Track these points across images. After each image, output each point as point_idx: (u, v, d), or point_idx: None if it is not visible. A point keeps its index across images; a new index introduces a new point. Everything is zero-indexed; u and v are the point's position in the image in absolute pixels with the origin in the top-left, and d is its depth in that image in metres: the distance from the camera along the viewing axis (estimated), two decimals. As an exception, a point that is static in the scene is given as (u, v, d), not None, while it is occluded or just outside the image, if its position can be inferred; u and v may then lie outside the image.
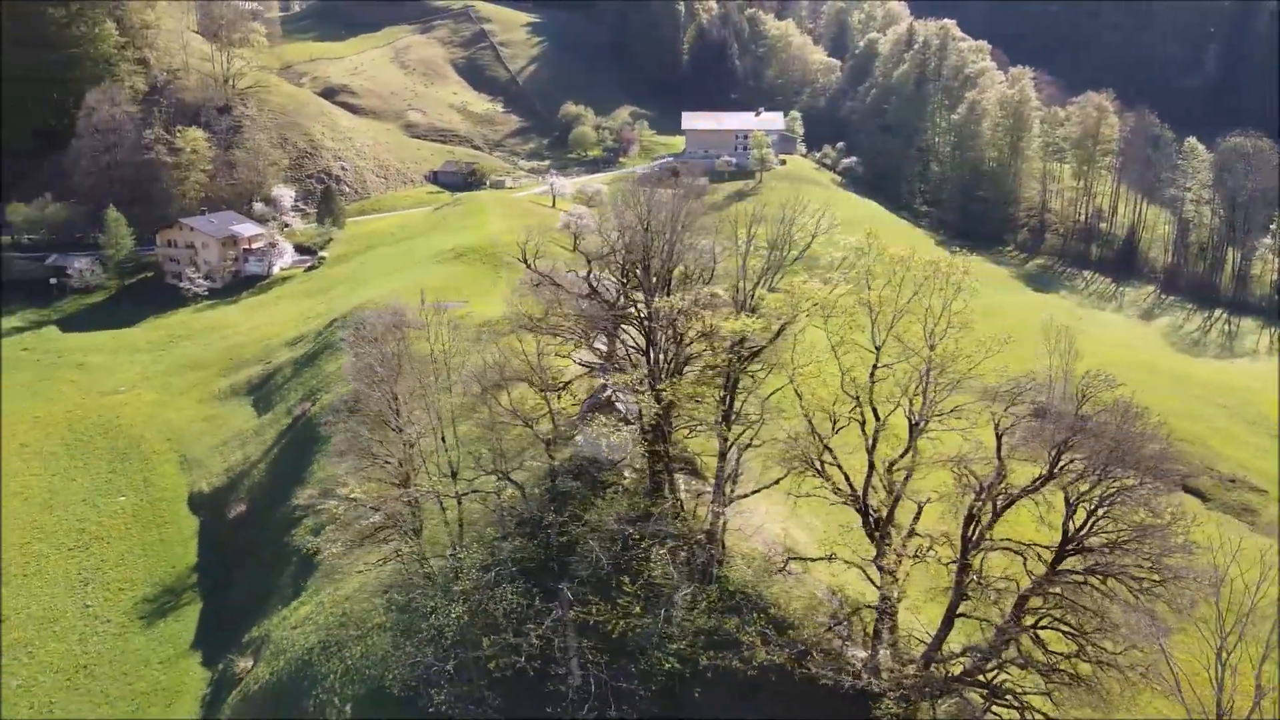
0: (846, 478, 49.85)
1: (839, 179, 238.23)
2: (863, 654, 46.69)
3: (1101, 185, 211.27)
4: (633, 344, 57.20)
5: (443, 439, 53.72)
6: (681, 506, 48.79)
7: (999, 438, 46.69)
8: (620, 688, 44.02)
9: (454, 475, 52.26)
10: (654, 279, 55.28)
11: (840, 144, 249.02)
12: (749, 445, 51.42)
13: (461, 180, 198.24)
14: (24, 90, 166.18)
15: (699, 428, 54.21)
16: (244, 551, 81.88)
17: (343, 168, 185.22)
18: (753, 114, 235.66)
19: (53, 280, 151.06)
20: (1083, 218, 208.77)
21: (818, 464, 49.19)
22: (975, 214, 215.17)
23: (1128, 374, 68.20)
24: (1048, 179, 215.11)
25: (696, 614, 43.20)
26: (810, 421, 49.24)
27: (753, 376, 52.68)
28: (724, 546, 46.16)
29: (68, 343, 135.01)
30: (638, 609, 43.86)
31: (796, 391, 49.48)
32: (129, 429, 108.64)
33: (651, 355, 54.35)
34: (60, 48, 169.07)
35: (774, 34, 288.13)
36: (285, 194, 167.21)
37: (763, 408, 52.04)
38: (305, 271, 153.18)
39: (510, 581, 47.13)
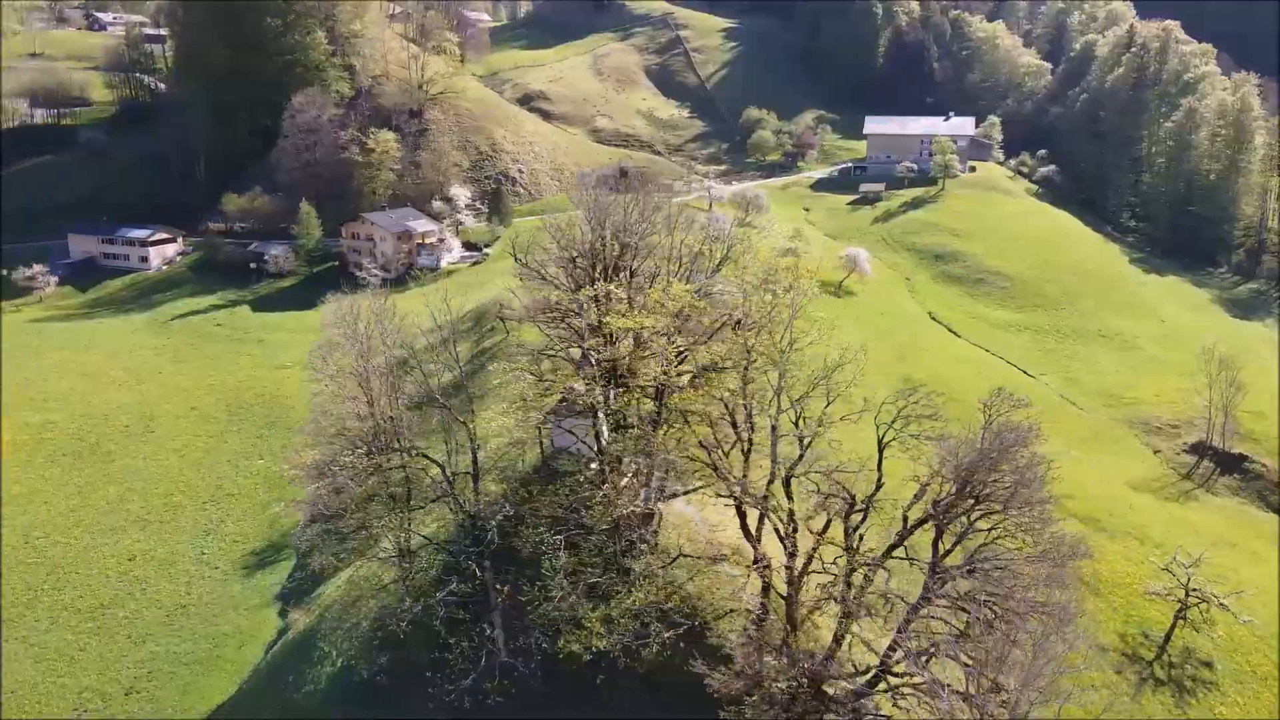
0: (741, 482, 48.72)
1: (1034, 188, 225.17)
2: (771, 660, 45.28)
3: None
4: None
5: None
6: (613, 499, 49.19)
7: (881, 449, 44.68)
8: (507, 663, 45.39)
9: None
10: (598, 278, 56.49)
11: (1041, 152, 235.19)
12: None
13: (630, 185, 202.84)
14: (245, 92, 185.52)
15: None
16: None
17: (519, 170, 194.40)
18: (941, 119, 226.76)
19: (253, 265, 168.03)
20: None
21: (713, 467, 48.68)
22: (1185, 231, 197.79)
23: None
24: (1269, 196, 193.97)
25: (612, 604, 43.40)
26: (712, 425, 48.92)
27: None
28: (652, 541, 46.15)
29: (254, 321, 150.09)
30: (554, 592, 44.79)
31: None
32: (283, 400, 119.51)
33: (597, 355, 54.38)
34: (276, 54, 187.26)
35: (980, 35, 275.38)
36: (461, 193, 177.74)
37: (684, 414, 51.34)
38: (470, 266, 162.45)
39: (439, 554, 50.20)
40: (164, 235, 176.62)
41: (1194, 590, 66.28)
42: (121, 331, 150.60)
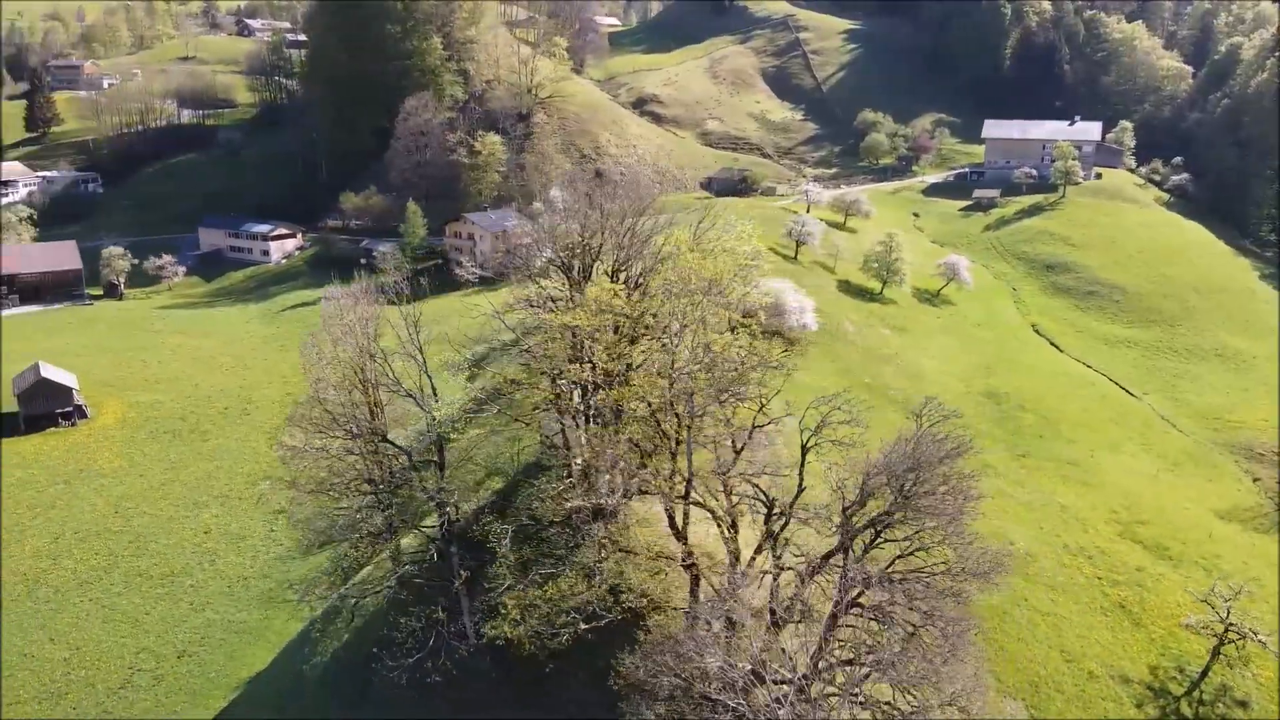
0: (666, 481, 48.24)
1: (1165, 197, 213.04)
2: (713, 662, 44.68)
3: None
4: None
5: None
6: (558, 494, 49.63)
7: (804, 452, 43.58)
8: (453, 645, 46.64)
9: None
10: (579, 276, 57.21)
11: (1176, 159, 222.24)
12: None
13: (731, 186, 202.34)
14: (364, 95, 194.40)
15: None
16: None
17: (621, 173, 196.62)
18: (1066, 123, 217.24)
19: (362, 261, 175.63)
20: None
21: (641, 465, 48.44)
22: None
23: None
24: None
25: (532, 593, 43.91)
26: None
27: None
28: (600, 537, 46.36)
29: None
30: (496, 580, 45.76)
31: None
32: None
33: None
34: (395, 59, 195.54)
35: (1117, 37, 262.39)
36: (559, 195, 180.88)
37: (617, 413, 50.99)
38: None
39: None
40: (284, 231, 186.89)
41: (1232, 625, 62.04)
42: (237, 320, 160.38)
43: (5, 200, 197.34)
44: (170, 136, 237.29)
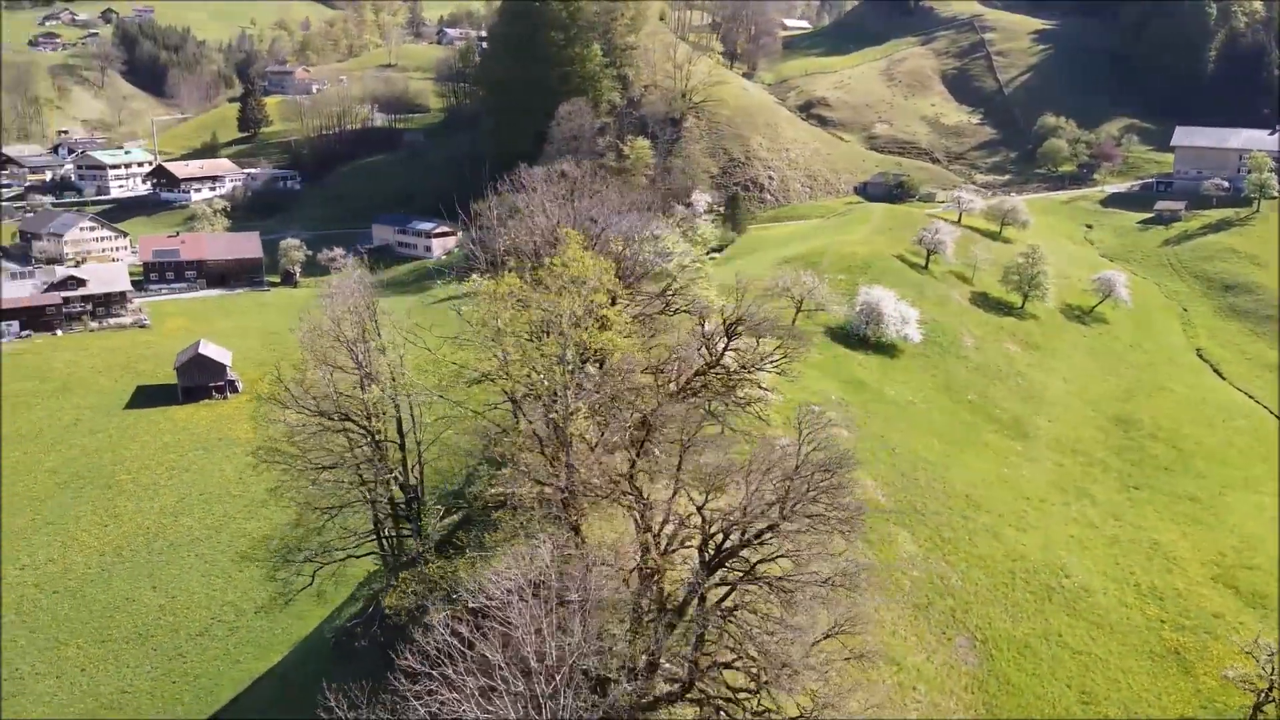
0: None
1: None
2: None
3: None
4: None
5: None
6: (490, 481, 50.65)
7: (681, 455, 42.21)
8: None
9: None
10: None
11: None
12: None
13: (887, 192, 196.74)
14: (528, 100, 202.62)
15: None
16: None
17: (769, 176, 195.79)
18: (1267, 132, 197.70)
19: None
20: None
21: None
22: None
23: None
24: None
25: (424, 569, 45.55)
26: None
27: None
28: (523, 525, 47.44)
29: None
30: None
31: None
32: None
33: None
34: (558, 65, 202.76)
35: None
36: (701, 199, 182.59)
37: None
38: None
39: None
40: (445, 229, 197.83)
41: (1276, 683, 55.53)
42: (396, 310, 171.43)
43: (211, 194, 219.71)
44: (363, 138, 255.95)
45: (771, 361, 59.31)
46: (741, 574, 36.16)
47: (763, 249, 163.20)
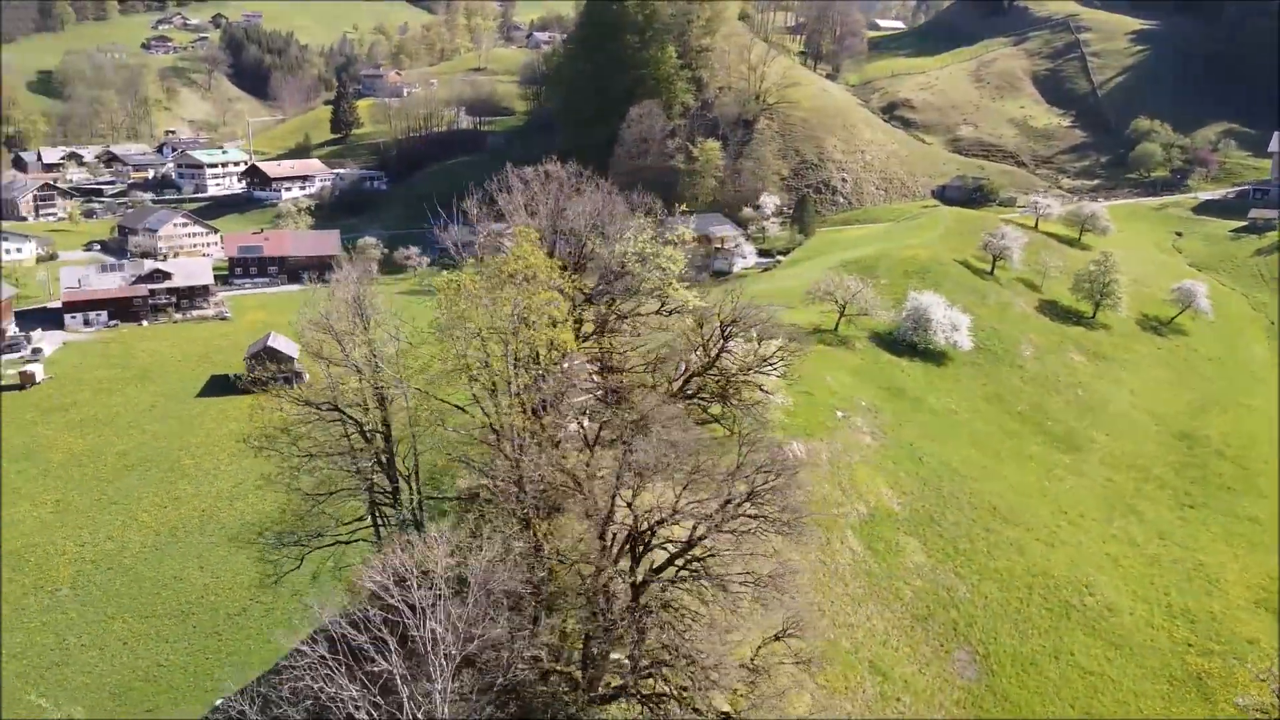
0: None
1: None
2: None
3: None
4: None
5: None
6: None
7: (626, 456, 41.84)
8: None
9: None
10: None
11: None
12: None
13: (965, 196, 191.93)
14: (601, 102, 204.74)
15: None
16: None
17: (843, 179, 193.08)
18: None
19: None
20: None
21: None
22: None
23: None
24: None
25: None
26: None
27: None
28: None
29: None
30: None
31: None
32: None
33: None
34: (634, 67, 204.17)
35: None
36: (769, 201, 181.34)
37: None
38: (760, 272, 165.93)
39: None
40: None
41: None
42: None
43: (301, 193, 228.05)
44: (448, 141, 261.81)
45: (770, 364, 59.00)
46: (671, 578, 36.37)
47: (829, 252, 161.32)
